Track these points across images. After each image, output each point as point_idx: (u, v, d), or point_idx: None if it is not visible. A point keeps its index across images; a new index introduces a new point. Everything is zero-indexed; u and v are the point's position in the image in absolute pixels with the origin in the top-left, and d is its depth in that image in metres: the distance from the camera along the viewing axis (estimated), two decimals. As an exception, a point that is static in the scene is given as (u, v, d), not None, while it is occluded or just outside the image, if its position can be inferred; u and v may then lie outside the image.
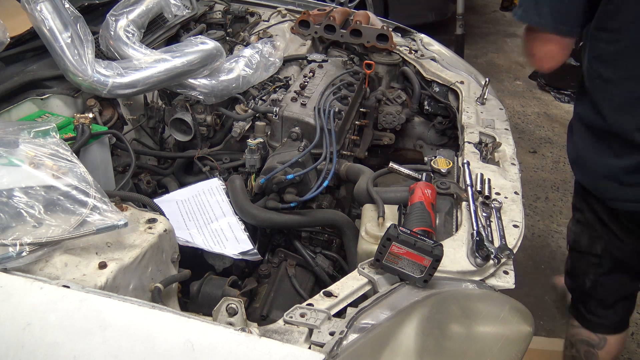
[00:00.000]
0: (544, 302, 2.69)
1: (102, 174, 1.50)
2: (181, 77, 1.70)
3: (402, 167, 1.52)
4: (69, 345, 0.85)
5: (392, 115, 2.12)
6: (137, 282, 1.06)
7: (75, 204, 1.06)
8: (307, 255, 1.60)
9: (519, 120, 4.42)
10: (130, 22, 1.78)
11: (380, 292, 1.03)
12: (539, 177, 3.70)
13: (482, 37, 6.12)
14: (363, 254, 1.26)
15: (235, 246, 1.41)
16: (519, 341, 0.98)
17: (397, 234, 1.02)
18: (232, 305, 0.94)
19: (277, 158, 1.56)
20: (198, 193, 1.59)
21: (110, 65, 1.59)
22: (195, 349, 0.84)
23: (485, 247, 1.15)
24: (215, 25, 2.39)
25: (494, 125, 1.77)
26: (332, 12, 2.33)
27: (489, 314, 1.02)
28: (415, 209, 1.25)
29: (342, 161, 1.72)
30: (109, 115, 1.70)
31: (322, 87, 1.85)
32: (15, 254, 0.95)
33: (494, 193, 1.38)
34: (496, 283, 1.12)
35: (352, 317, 0.95)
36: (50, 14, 1.50)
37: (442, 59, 2.27)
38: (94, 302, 0.90)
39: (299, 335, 0.93)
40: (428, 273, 1.03)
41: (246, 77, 1.86)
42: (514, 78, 5.19)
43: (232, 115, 1.82)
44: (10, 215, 1.01)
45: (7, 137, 1.17)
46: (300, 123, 1.69)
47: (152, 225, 1.14)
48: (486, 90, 1.93)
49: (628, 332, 1.78)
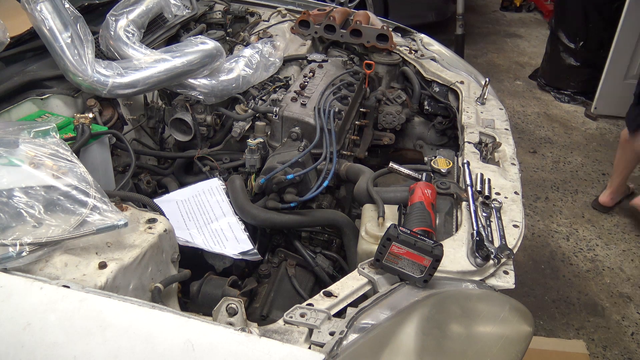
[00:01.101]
0: (544, 302, 2.69)
1: (102, 174, 1.50)
2: (181, 77, 1.70)
3: (402, 167, 1.52)
4: (69, 345, 0.85)
5: (392, 115, 2.12)
6: (137, 282, 1.06)
7: (75, 204, 1.06)
8: (307, 255, 1.60)
9: (519, 120, 4.42)
10: (130, 22, 1.78)
11: (380, 292, 1.03)
12: (539, 177, 3.70)
13: (482, 37, 6.12)
14: (363, 254, 1.26)
15: (235, 246, 1.41)
16: (519, 341, 0.98)
17: (397, 234, 1.02)
18: (232, 305, 0.94)
19: (277, 158, 1.56)
20: (198, 193, 1.59)
21: (110, 65, 1.59)
22: (195, 349, 0.84)
23: (485, 247, 1.15)
24: (215, 25, 2.38)
25: (494, 125, 1.77)
26: (332, 12, 2.33)
27: (489, 314, 1.02)
28: (415, 209, 1.25)
29: (342, 161, 1.72)
30: (109, 115, 1.70)
31: (322, 87, 1.85)
32: (15, 254, 0.95)
33: (494, 193, 1.38)
34: (496, 283, 1.12)
35: (352, 317, 0.95)
36: (50, 14, 1.50)
37: (442, 59, 2.27)
38: (94, 302, 0.90)
39: (299, 335, 0.93)
40: (428, 273, 1.03)
41: (246, 77, 1.86)
42: (514, 78, 5.19)
43: (232, 115, 1.82)
44: (10, 215, 1.01)
45: (7, 137, 1.17)
46: (300, 123, 1.69)
47: (152, 225, 1.14)
48: (486, 90, 1.93)
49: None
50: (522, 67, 5.42)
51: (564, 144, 4.11)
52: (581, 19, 4.41)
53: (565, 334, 2.51)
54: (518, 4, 7.02)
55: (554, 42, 4.71)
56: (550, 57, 4.83)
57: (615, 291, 2.77)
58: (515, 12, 6.99)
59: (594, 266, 2.93)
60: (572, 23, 4.52)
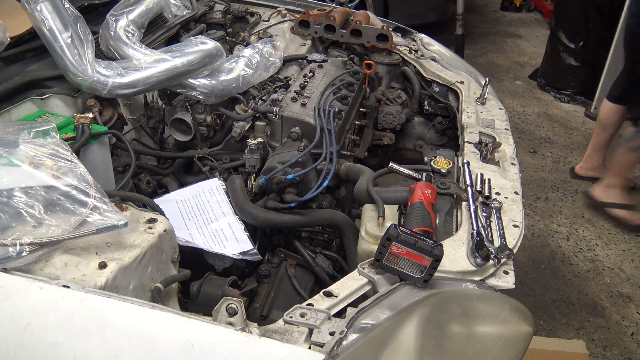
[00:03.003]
0: (544, 302, 2.69)
1: (102, 174, 1.50)
2: (181, 77, 1.69)
3: (402, 167, 1.52)
4: (69, 345, 0.85)
5: (392, 115, 2.12)
6: (137, 282, 1.06)
7: (75, 204, 1.06)
8: (307, 255, 1.60)
9: (519, 120, 4.42)
10: (130, 22, 1.78)
11: (380, 292, 1.03)
12: (539, 177, 3.70)
13: (482, 37, 6.12)
14: (363, 254, 1.26)
15: (235, 246, 1.41)
16: (519, 341, 0.98)
17: (397, 234, 1.02)
18: (232, 305, 0.94)
19: (277, 158, 1.56)
20: (198, 193, 1.59)
21: (110, 65, 1.59)
22: (195, 349, 0.84)
23: (485, 247, 1.15)
24: (215, 25, 2.39)
25: (494, 125, 1.77)
26: (332, 12, 2.33)
27: (489, 314, 1.02)
28: (415, 209, 1.25)
29: (342, 161, 1.72)
30: (109, 115, 1.70)
31: (322, 87, 1.85)
32: (15, 254, 0.95)
33: (494, 193, 1.38)
34: (496, 283, 1.12)
35: (352, 317, 0.95)
36: (50, 14, 1.50)
37: (442, 59, 2.27)
38: (94, 302, 0.90)
39: (299, 335, 0.93)
40: (428, 273, 1.03)
41: (246, 77, 1.86)
42: (514, 78, 5.19)
43: (232, 115, 1.82)
44: (10, 215, 1.01)
45: (7, 137, 1.17)
46: (300, 123, 1.69)
47: (152, 225, 1.14)
48: (486, 90, 1.93)
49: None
50: (522, 67, 5.42)
51: (564, 144, 4.11)
52: (581, 19, 4.41)
53: (565, 334, 2.51)
54: (518, 4, 7.02)
55: (554, 42, 4.71)
56: (550, 57, 4.83)
57: (615, 291, 2.77)
58: (515, 12, 6.99)
59: (594, 266, 2.93)
60: (572, 23, 4.52)
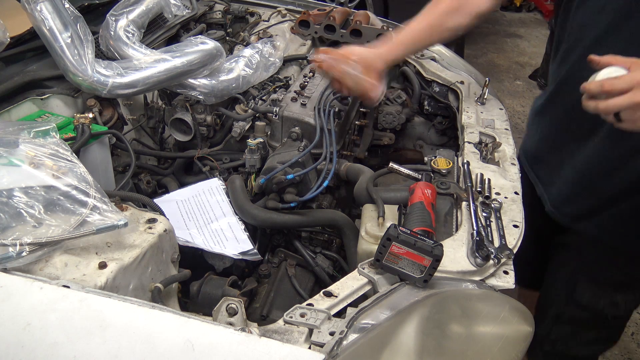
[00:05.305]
0: (544, 302, 2.68)
1: (102, 174, 1.50)
2: (181, 77, 1.69)
3: (402, 167, 1.52)
4: (69, 345, 0.85)
5: (392, 115, 2.12)
6: (137, 282, 1.06)
7: (75, 204, 1.06)
8: (307, 255, 1.60)
9: (519, 120, 4.42)
10: (130, 22, 1.78)
11: (380, 292, 1.03)
12: (539, 177, 3.70)
13: (482, 37, 6.13)
14: (363, 254, 1.26)
15: (235, 246, 1.41)
16: (519, 341, 0.98)
17: (397, 234, 1.02)
18: (232, 305, 0.94)
19: (277, 158, 1.56)
20: (198, 193, 1.59)
21: (110, 65, 1.59)
22: (195, 349, 0.83)
23: (485, 247, 1.15)
24: (215, 25, 2.38)
25: (494, 125, 1.76)
26: (332, 12, 2.33)
27: (489, 314, 1.02)
28: (415, 209, 1.25)
29: (342, 161, 1.72)
30: (109, 115, 1.70)
31: (322, 87, 1.85)
32: (15, 254, 0.95)
33: (494, 193, 1.38)
34: (496, 283, 1.12)
35: (352, 317, 0.95)
36: (50, 14, 1.50)
37: (442, 59, 2.27)
38: (94, 302, 0.90)
39: (299, 335, 0.93)
40: (428, 273, 1.03)
41: (246, 77, 1.86)
42: (514, 78, 5.19)
43: (232, 115, 1.82)
44: (10, 215, 1.01)
45: (7, 137, 1.17)
46: (300, 123, 1.69)
47: (152, 225, 1.14)
48: (486, 90, 1.93)
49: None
50: (522, 67, 5.42)
51: (564, 144, 4.11)
52: (581, 19, 4.40)
53: (565, 334, 2.51)
54: (518, 4, 7.03)
55: (554, 42, 4.70)
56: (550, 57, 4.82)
57: (615, 291, 2.76)
58: (515, 12, 7.00)
59: (594, 266, 2.93)
60: (572, 23, 4.51)
